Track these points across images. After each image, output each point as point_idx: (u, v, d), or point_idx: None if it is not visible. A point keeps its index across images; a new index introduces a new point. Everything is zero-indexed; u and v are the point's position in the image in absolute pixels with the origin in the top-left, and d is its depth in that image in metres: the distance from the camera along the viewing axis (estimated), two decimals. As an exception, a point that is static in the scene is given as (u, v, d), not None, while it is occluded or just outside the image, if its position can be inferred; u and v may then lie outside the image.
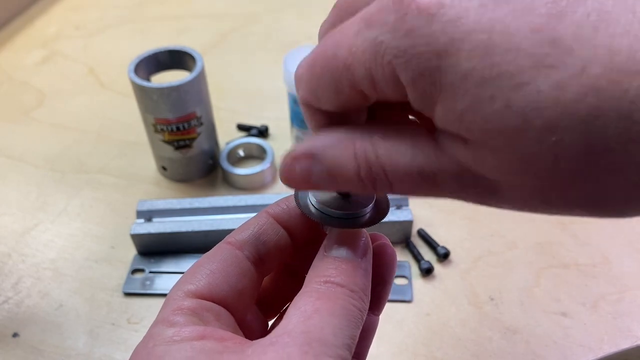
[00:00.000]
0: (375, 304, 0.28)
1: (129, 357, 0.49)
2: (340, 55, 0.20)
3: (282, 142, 0.65)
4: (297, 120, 0.59)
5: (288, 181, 0.24)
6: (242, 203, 0.54)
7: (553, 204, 0.19)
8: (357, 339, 0.23)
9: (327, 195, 0.26)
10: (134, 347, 0.45)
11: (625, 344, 0.45)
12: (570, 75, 0.16)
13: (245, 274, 0.26)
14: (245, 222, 0.27)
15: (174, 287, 0.25)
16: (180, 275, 0.56)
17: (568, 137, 0.16)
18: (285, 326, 0.22)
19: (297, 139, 0.60)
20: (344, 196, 0.26)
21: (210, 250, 0.26)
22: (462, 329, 0.46)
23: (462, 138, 0.19)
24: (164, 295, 0.49)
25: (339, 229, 0.26)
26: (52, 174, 0.62)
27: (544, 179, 0.17)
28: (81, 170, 0.63)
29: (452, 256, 0.52)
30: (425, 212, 0.55)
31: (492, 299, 0.48)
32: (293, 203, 0.28)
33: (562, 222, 0.54)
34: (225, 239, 0.27)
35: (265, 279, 0.28)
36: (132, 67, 0.53)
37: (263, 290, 0.29)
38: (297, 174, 0.23)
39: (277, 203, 0.28)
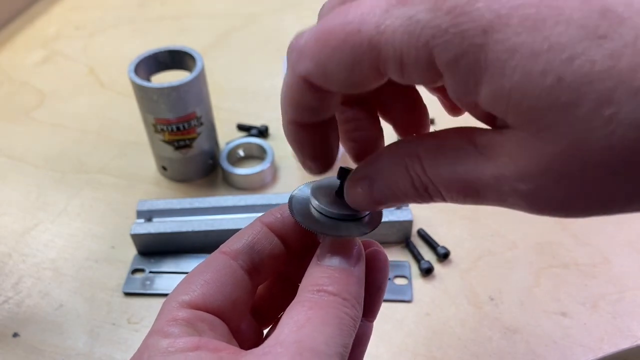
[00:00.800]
0: (369, 310, 0.28)
1: (129, 357, 0.49)
2: (366, 32, 0.19)
3: (282, 142, 0.65)
4: (297, 120, 0.59)
5: (354, 203, 0.25)
6: (242, 203, 0.54)
7: (597, 198, 0.17)
8: (350, 348, 0.23)
9: (324, 198, 0.27)
10: (134, 347, 0.45)
11: (625, 344, 0.45)
12: (624, 45, 0.15)
13: (239, 283, 0.26)
14: (239, 232, 0.28)
15: (168, 297, 0.25)
16: (181, 275, 0.56)
17: (624, 109, 0.15)
18: (277, 336, 0.22)
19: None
20: (341, 198, 0.26)
21: (205, 260, 0.26)
22: (462, 328, 0.46)
23: (504, 127, 0.18)
24: (164, 295, 0.49)
25: (332, 237, 0.26)
26: (52, 174, 0.62)
27: (594, 164, 0.16)
28: (81, 170, 0.63)
29: (452, 256, 0.52)
30: (425, 212, 0.55)
31: (492, 299, 0.48)
32: (287, 212, 0.28)
33: (562, 222, 0.54)
34: (219, 248, 0.27)
35: (259, 287, 0.28)
36: (132, 67, 0.53)
37: (257, 298, 0.29)
38: (360, 194, 0.24)
39: (271, 212, 0.28)
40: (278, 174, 0.61)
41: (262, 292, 0.29)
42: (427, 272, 0.50)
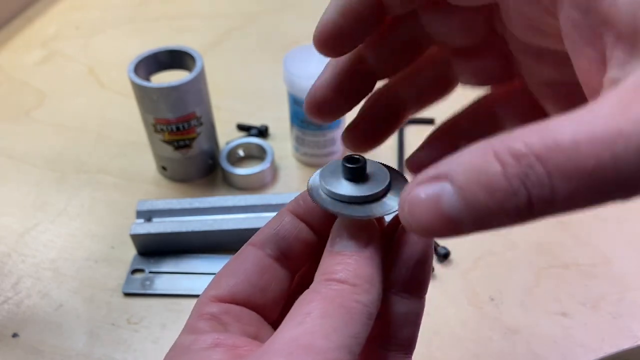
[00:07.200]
0: (414, 286, 0.26)
1: (129, 357, 0.49)
2: None
3: (282, 142, 0.65)
4: (297, 120, 0.59)
5: (413, 214, 0.17)
6: (242, 203, 0.54)
7: None
8: (364, 334, 0.21)
9: (338, 181, 0.25)
10: (134, 347, 0.45)
11: (625, 344, 0.45)
12: None
13: (268, 271, 0.26)
14: (267, 222, 0.27)
15: (202, 292, 0.25)
16: (180, 275, 0.56)
17: None
18: (276, 334, 0.21)
19: (297, 138, 0.60)
20: (356, 180, 0.25)
21: (234, 255, 0.27)
22: (463, 329, 0.46)
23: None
24: (163, 295, 0.49)
25: (340, 220, 0.24)
26: (52, 174, 0.62)
27: None
28: (81, 170, 0.63)
29: (452, 256, 0.52)
30: (425, 212, 0.55)
31: (492, 299, 0.48)
32: (308, 197, 0.26)
33: (563, 222, 0.54)
34: (248, 241, 0.27)
35: (298, 275, 0.28)
36: (132, 67, 0.53)
37: (296, 285, 0.28)
38: (423, 202, 0.17)
39: (295, 199, 0.28)
40: (278, 174, 0.61)
41: (299, 280, 0.29)
42: (427, 272, 0.50)
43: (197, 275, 0.51)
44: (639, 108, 0.14)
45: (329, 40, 0.24)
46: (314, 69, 0.55)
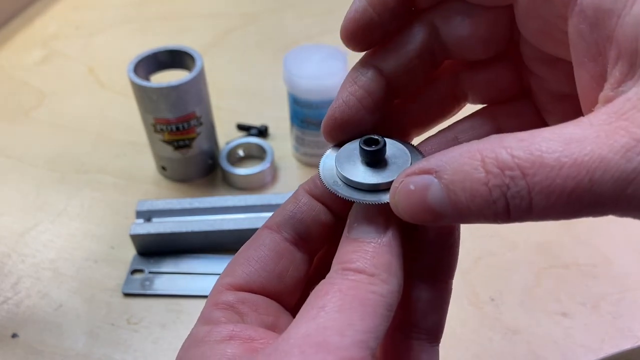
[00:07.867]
0: (440, 271, 0.25)
1: (128, 357, 0.49)
2: None
3: (282, 142, 0.64)
4: (297, 120, 0.59)
5: (401, 202, 0.19)
6: (242, 203, 0.54)
7: None
8: (382, 327, 0.20)
9: (355, 166, 0.24)
10: (134, 348, 0.45)
11: (625, 345, 0.45)
12: None
13: (285, 256, 0.25)
14: (284, 203, 0.26)
15: (217, 279, 0.24)
16: (180, 276, 0.56)
17: None
18: (290, 329, 0.20)
19: (297, 138, 0.60)
20: (373, 167, 0.24)
21: (250, 238, 0.25)
22: (463, 329, 0.46)
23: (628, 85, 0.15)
24: (163, 295, 0.49)
25: (357, 205, 0.23)
26: (51, 174, 0.62)
27: None
28: (81, 170, 0.63)
29: (452, 256, 0.52)
30: (425, 212, 0.55)
31: (492, 300, 0.48)
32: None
33: (563, 222, 0.54)
34: (264, 223, 0.26)
35: (316, 258, 0.26)
36: (132, 67, 0.53)
37: (315, 269, 0.27)
38: (411, 192, 0.19)
39: (311, 179, 0.26)
40: (278, 174, 0.61)
41: (318, 263, 0.27)
42: (427, 272, 0.50)
43: (197, 276, 0.51)
44: (621, 136, 0.15)
45: (357, 32, 0.23)
46: (314, 69, 0.55)
